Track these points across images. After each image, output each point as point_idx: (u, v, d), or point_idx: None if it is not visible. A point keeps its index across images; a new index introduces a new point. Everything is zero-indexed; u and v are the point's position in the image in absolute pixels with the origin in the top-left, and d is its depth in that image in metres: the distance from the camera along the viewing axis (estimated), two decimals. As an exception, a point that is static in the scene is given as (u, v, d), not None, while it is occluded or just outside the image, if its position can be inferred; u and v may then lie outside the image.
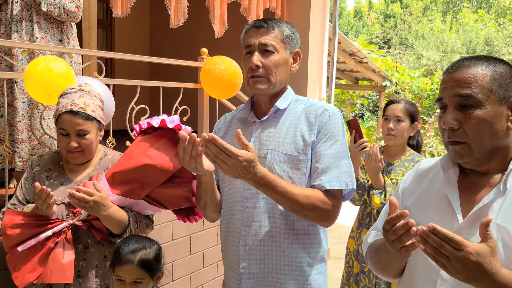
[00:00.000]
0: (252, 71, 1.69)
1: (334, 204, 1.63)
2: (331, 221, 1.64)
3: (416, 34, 26.27)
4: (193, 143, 1.51)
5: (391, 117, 2.81)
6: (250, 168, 1.44)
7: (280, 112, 1.75)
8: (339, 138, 1.68)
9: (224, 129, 1.89)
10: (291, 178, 1.64)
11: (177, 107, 3.63)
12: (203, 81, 3.77)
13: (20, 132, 2.99)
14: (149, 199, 1.96)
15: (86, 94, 2.02)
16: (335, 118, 1.70)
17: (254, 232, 1.68)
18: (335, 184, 1.61)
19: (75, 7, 3.13)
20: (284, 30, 1.71)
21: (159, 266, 1.79)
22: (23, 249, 1.84)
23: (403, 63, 22.21)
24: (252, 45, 1.69)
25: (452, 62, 1.34)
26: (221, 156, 1.40)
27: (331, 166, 1.63)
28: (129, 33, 8.10)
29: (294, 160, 1.65)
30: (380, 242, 1.44)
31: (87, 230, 1.94)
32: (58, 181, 2.05)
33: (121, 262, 1.71)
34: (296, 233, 1.67)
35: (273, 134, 1.71)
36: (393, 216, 1.16)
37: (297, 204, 1.55)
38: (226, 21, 5.02)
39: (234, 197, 1.74)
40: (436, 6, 29.59)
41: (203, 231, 3.61)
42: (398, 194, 1.49)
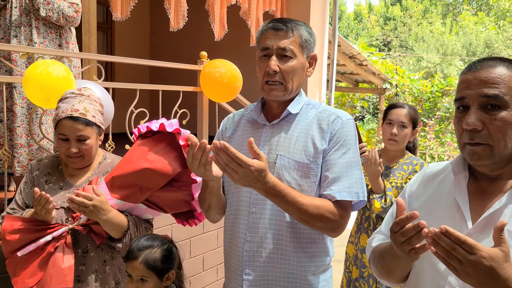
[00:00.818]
0: (269, 76, 1.64)
1: (343, 215, 1.58)
2: (338, 232, 1.60)
3: (416, 36, 26.28)
4: (204, 150, 1.44)
5: (395, 122, 2.77)
6: (260, 178, 1.40)
7: (291, 116, 1.70)
8: (351, 147, 1.63)
9: (231, 129, 1.83)
10: (300, 186, 1.60)
11: (176, 110, 3.63)
12: (203, 84, 3.78)
13: (19, 137, 2.99)
14: (149, 203, 1.96)
15: (86, 99, 2.01)
16: (348, 125, 1.65)
17: (259, 239, 1.64)
18: (345, 195, 1.57)
19: (74, 11, 3.13)
20: (303, 34, 1.65)
21: (168, 267, 1.73)
22: (22, 254, 1.83)
23: (403, 66, 22.21)
24: (270, 48, 1.63)
25: (473, 62, 1.29)
26: (232, 165, 1.36)
27: (342, 176, 1.59)
28: (129, 37, 8.10)
29: (304, 167, 1.61)
30: (385, 246, 1.41)
31: (87, 234, 1.94)
32: (57, 185, 2.04)
33: (128, 258, 1.72)
34: (302, 241, 1.64)
35: (283, 139, 1.66)
36: (402, 218, 1.13)
37: (306, 214, 1.51)
38: (226, 24, 5.01)
39: (240, 201, 1.70)
40: (436, 9, 29.60)
41: (203, 234, 3.61)
42: (404, 197, 1.47)
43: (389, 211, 1.57)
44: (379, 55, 14.00)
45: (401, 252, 1.18)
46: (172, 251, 1.77)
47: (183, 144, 1.85)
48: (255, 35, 5.29)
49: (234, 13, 5.33)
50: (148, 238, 1.77)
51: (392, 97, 12.98)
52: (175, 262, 1.78)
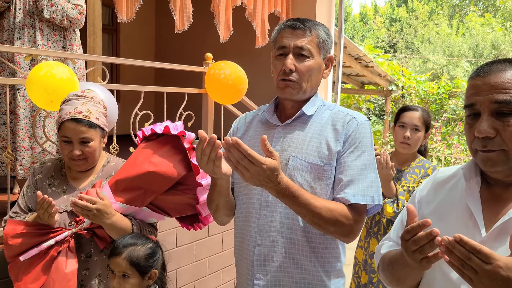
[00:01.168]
0: (285, 74, 1.59)
1: (357, 219, 1.52)
2: (352, 238, 1.55)
3: (422, 38, 26.18)
4: (213, 145, 1.38)
5: (408, 125, 2.71)
6: (272, 177, 1.35)
7: (305, 117, 1.65)
8: (367, 149, 1.57)
9: (243, 129, 1.78)
10: (313, 189, 1.55)
11: (181, 113, 3.60)
12: (208, 86, 3.75)
13: (22, 140, 2.97)
14: (153, 206, 1.93)
15: (90, 101, 1.99)
16: (364, 127, 1.60)
17: (270, 243, 1.59)
18: (360, 199, 1.51)
19: (78, 13, 3.11)
20: (321, 34, 1.61)
21: (150, 265, 1.75)
22: (25, 258, 1.81)
23: (409, 67, 22.12)
24: (287, 47, 1.59)
25: (481, 66, 1.24)
26: (244, 163, 1.31)
27: (356, 179, 1.53)
28: (134, 38, 8.11)
29: (317, 169, 1.56)
30: (394, 253, 1.36)
31: (90, 238, 1.91)
32: (60, 189, 2.01)
33: (112, 254, 1.74)
34: (314, 245, 1.59)
35: (296, 140, 1.60)
36: (414, 225, 1.09)
37: (318, 217, 1.46)
38: (231, 26, 4.99)
39: (251, 203, 1.65)
40: (442, 10, 29.51)
41: (208, 238, 3.58)
42: (414, 203, 1.42)
43: (398, 217, 1.52)
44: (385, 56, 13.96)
45: (412, 261, 1.13)
46: (155, 251, 1.79)
47: (188, 147, 1.83)
48: (260, 37, 5.27)
49: (240, 14, 5.31)
50: (133, 236, 1.78)
51: (398, 99, 12.93)
52: (158, 262, 1.80)
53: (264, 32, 5.58)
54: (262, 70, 6.75)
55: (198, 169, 1.81)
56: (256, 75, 5.32)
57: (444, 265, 1.10)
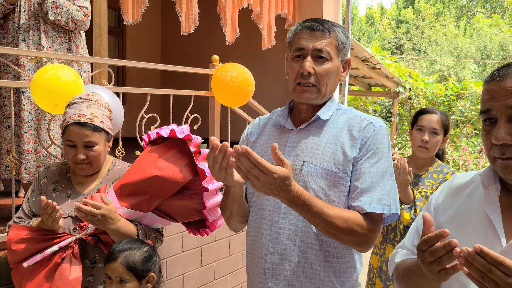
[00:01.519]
0: (302, 78, 1.54)
1: (373, 229, 1.47)
2: (368, 247, 1.49)
3: (429, 39, 26.05)
4: (224, 153, 1.34)
5: (426, 128, 2.64)
6: (284, 186, 1.30)
7: (320, 122, 1.59)
8: (384, 156, 1.51)
9: (256, 133, 1.72)
10: (327, 196, 1.49)
11: (188, 115, 3.57)
12: (215, 88, 3.71)
13: (27, 143, 2.95)
14: (159, 211, 1.89)
15: (94, 104, 1.96)
16: (381, 133, 1.53)
17: (282, 250, 1.54)
18: (376, 207, 1.45)
19: (83, 15, 3.09)
20: (340, 36, 1.56)
21: (147, 269, 1.72)
22: (28, 265, 1.77)
23: (416, 69, 22.01)
24: (305, 49, 1.53)
25: (496, 69, 1.19)
26: (254, 172, 1.26)
27: (372, 187, 1.47)
28: (140, 41, 8.10)
29: (332, 176, 1.50)
30: (410, 263, 1.30)
31: (95, 244, 1.87)
32: (65, 193, 1.98)
33: (108, 260, 1.71)
34: (328, 255, 1.53)
35: (310, 146, 1.55)
36: (431, 236, 1.03)
37: (332, 227, 1.40)
38: (238, 28, 4.97)
39: (263, 209, 1.60)
40: (449, 11, 29.36)
41: (215, 242, 3.53)
42: (430, 210, 1.36)
43: (413, 224, 1.46)
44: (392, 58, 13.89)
45: (429, 272, 1.08)
46: (151, 254, 1.77)
47: (194, 150, 1.79)
48: (267, 39, 5.24)
49: (246, 16, 5.28)
50: (129, 241, 1.75)
51: (405, 101, 12.85)
52: (155, 265, 1.78)
53: (271, 34, 5.54)
54: (268, 72, 6.72)
55: (205, 174, 1.77)
56: (262, 78, 5.28)
57: (463, 276, 1.05)
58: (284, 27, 5.95)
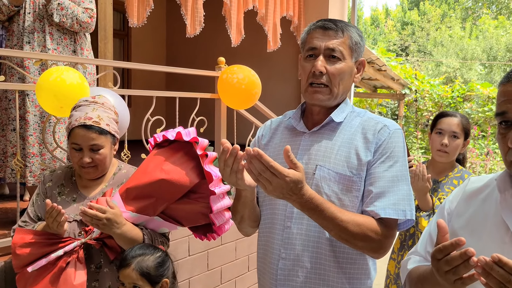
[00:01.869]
0: (314, 77, 1.50)
1: (387, 234, 1.43)
2: (382, 254, 1.46)
3: (434, 41, 25.95)
4: (235, 156, 1.30)
5: (446, 131, 2.56)
6: (296, 190, 1.27)
7: (333, 124, 1.56)
8: (399, 160, 1.47)
9: (268, 136, 1.70)
10: (341, 201, 1.46)
11: (194, 118, 3.54)
12: (221, 91, 3.69)
13: (32, 146, 2.93)
14: (165, 215, 1.86)
15: (100, 107, 1.93)
16: (396, 136, 1.50)
17: (294, 256, 1.51)
18: (391, 213, 1.42)
19: (88, 17, 3.07)
20: (353, 36, 1.53)
21: (160, 274, 1.71)
22: (33, 269, 1.74)
23: (421, 71, 21.92)
24: (317, 48, 1.50)
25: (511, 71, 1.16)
26: (266, 175, 1.23)
27: (387, 191, 1.43)
28: (145, 43, 8.09)
29: (346, 180, 1.47)
30: (423, 270, 1.27)
31: (100, 249, 1.84)
32: (70, 197, 1.96)
33: (121, 266, 1.70)
34: (341, 261, 1.49)
35: (324, 149, 1.52)
36: (447, 244, 1.00)
37: (345, 232, 1.37)
38: (243, 30, 4.94)
39: (275, 214, 1.57)
40: (455, 13, 29.25)
41: (221, 246, 3.50)
42: (443, 215, 1.33)
43: (425, 230, 1.42)
44: (398, 60, 13.83)
45: (444, 282, 1.04)
46: (165, 260, 1.75)
47: (200, 153, 1.76)
48: (272, 41, 5.22)
49: (251, 18, 5.26)
50: (142, 247, 1.74)
51: (411, 103, 12.79)
52: (169, 271, 1.76)
53: (276, 36, 5.52)
54: (274, 75, 6.70)
55: (211, 177, 1.74)
56: (267, 80, 5.26)
57: (480, 286, 1.01)
58: (289, 29, 5.92)
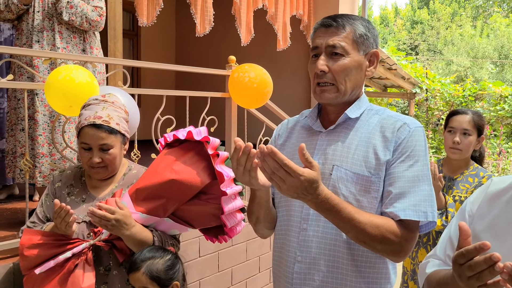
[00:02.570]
0: (318, 77, 1.46)
1: (408, 237, 1.37)
2: (402, 257, 1.40)
3: (444, 40, 25.72)
4: (248, 154, 1.26)
5: (457, 129, 2.61)
6: (311, 190, 1.22)
7: (350, 122, 1.50)
8: (420, 159, 1.41)
9: (284, 135, 1.65)
10: (359, 202, 1.40)
11: (204, 117, 3.50)
12: (232, 90, 3.64)
13: (41, 146, 2.90)
14: (175, 217, 1.82)
15: (110, 106, 1.90)
16: (417, 134, 1.43)
17: (311, 259, 1.45)
18: (411, 214, 1.36)
19: (98, 15, 3.04)
20: (357, 28, 1.46)
21: (170, 277, 1.69)
22: (40, 271, 1.71)
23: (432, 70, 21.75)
24: (319, 47, 1.47)
25: None
26: (279, 174, 1.19)
27: (407, 192, 1.37)
28: (155, 43, 8.08)
29: (364, 181, 1.41)
30: (443, 275, 1.21)
31: (109, 251, 1.80)
32: (79, 198, 1.92)
33: (131, 269, 1.68)
34: (360, 264, 1.44)
35: (341, 148, 1.46)
36: (470, 249, 0.94)
37: (363, 234, 1.32)
38: (253, 29, 4.90)
39: (291, 215, 1.52)
40: (465, 11, 28.98)
41: (232, 247, 3.46)
42: (464, 217, 1.27)
43: (445, 232, 1.37)
44: (409, 59, 13.71)
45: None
46: (175, 262, 1.73)
47: (212, 153, 1.71)
48: (282, 40, 5.16)
49: (261, 17, 5.22)
50: (151, 250, 1.72)
51: (422, 102, 12.67)
52: (179, 273, 1.74)
53: (286, 35, 5.47)
54: (284, 74, 6.65)
55: (223, 177, 1.69)
56: (277, 79, 5.20)
57: None
58: (299, 28, 5.87)
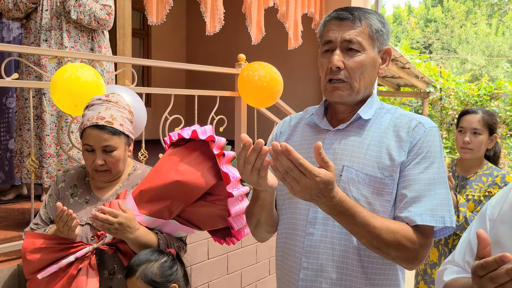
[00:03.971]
0: (332, 74, 1.38)
1: (424, 243, 1.29)
2: (416, 264, 1.32)
3: (459, 38, 25.39)
4: (259, 152, 1.16)
5: (467, 129, 2.61)
6: (326, 192, 1.14)
7: (361, 122, 1.43)
8: (436, 160, 1.34)
9: (287, 133, 1.56)
10: (371, 205, 1.32)
11: (213, 117, 3.44)
12: (241, 88, 3.58)
13: (48, 147, 2.86)
14: (181, 219, 1.77)
15: (114, 106, 1.84)
16: (432, 134, 1.36)
17: (318, 266, 1.37)
18: (428, 219, 1.28)
19: (106, 14, 3.00)
20: (374, 23, 1.38)
21: (167, 280, 1.62)
22: (43, 276, 1.66)
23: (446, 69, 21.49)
24: (333, 41, 1.38)
25: None
26: (293, 174, 1.10)
27: (423, 195, 1.29)
28: (165, 42, 8.05)
29: (376, 183, 1.32)
30: (463, 284, 1.14)
31: (113, 254, 1.75)
32: (83, 199, 1.87)
33: (127, 274, 1.64)
34: (369, 271, 1.36)
35: (351, 148, 1.38)
36: (490, 261, 0.88)
37: (378, 240, 1.23)
38: (263, 28, 4.84)
39: (296, 219, 1.43)
40: (480, 9, 28.59)
41: (241, 249, 3.40)
42: (485, 222, 1.20)
43: (463, 237, 1.29)
44: (422, 57, 13.54)
45: None
46: (171, 264, 1.66)
47: (217, 153, 1.65)
48: (293, 38, 5.07)
49: (272, 15, 5.16)
50: (147, 253, 1.65)
51: (436, 101, 12.50)
52: (177, 275, 1.67)
53: (297, 33, 5.40)
54: (295, 73, 6.57)
55: (229, 178, 1.63)
56: (289, 78, 5.13)
57: None
58: (310, 27, 5.79)
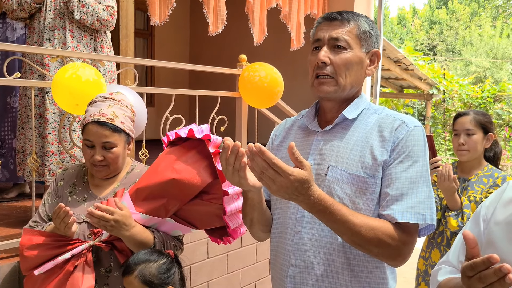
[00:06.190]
0: (318, 69, 1.42)
1: (406, 240, 1.30)
2: (400, 261, 1.34)
3: (463, 40, 25.33)
4: (236, 154, 1.24)
5: (460, 131, 2.64)
6: (302, 190, 1.18)
7: (348, 122, 1.46)
8: (419, 159, 1.36)
9: (281, 136, 1.61)
10: (355, 204, 1.35)
11: (214, 117, 3.46)
12: (242, 89, 3.59)
13: (50, 145, 2.89)
14: (178, 217, 1.78)
15: (117, 104, 1.86)
16: (415, 133, 1.38)
17: (305, 263, 1.40)
18: (409, 217, 1.30)
19: (109, 15, 3.03)
20: (362, 25, 1.43)
21: (164, 282, 1.62)
22: (39, 273, 1.68)
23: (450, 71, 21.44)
24: (321, 39, 1.43)
25: None
26: (268, 173, 1.15)
27: (405, 193, 1.31)
28: (169, 43, 8.08)
29: (360, 182, 1.36)
30: (455, 284, 1.15)
31: (110, 252, 1.76)
32: (81, 197, 1.89)
33: (124, 273, 1.63)
34: (356, 269, 1.38)
35: (336, 148, 1.41)
36: (478, 262, 0.89)
37: (358, 236, 1.26)
38: (266, 28, 4.85)
39: (286, 218, 1.47)
40: (485, 11, 28.51)
41: (241, 249, 3.41)
42: (478, 222, 1.21)
43: (458, 238, 1.30)
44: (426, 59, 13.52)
45: None
46: (170, 267, 1.66)
47: (213, 151, 1.67)
48: (295, 39, 5.08)
49: (274, 17, 5.17)
50: (146, 253, 1.65)
51: (439, 103, 12.48)
52: (174, 277, 1.67)
53: (300, 34, 5.41)
54: (297, 74, 6.58)
55: (224, 176, 1.65)
56: (291, 79, 5.15)
57: None
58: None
